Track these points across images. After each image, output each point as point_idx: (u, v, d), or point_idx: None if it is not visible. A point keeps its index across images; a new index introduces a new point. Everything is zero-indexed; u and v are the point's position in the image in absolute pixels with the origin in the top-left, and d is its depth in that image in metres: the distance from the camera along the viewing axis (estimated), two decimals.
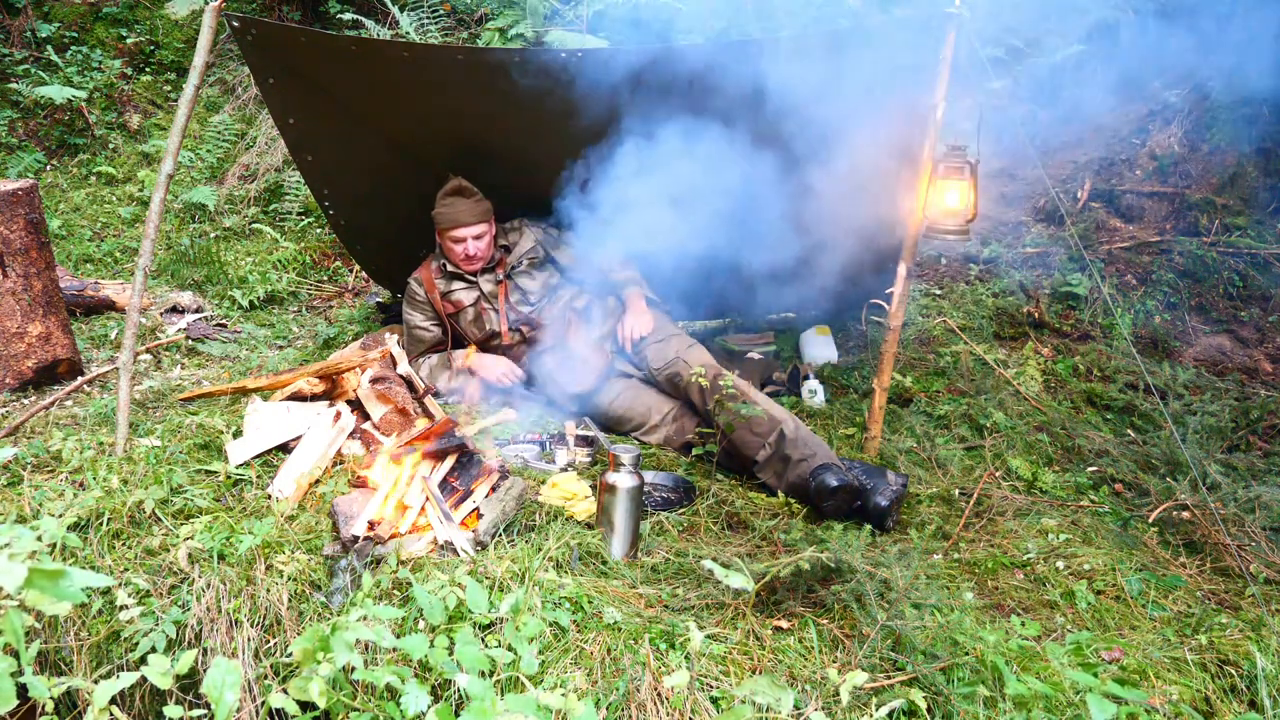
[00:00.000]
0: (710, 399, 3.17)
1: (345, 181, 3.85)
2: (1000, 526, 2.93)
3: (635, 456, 2.55)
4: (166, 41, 6.72)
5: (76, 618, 2.36)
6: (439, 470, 2.68)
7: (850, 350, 4.26)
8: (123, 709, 2.31)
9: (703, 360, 3.34)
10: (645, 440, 3.43)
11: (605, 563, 2.50)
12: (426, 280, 3.71)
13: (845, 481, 2.82)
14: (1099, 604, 2.49)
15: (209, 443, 3.00)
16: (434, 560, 2.40)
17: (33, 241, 3.40)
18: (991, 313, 4.49)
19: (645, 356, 3.51)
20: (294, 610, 2.34)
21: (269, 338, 4.47)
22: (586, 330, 3.63)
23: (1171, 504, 3.00)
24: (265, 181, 5.87)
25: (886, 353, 3.21)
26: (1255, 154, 4.90)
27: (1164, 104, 5.41)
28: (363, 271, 5.12)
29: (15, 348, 3.42)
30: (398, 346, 3.46)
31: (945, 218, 3.01)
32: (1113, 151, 5.37)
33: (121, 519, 2.54)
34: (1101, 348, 4.24)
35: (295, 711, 1.40)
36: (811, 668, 2.09)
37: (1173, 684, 2.12)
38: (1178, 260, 4.64)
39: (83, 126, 6.12)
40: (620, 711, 1.97)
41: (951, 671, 2.01)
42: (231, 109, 6.44)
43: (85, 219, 5.59)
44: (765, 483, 3.09)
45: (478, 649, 1.48)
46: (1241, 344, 4.41)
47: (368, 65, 3.33)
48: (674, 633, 2.14)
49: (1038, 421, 3.65)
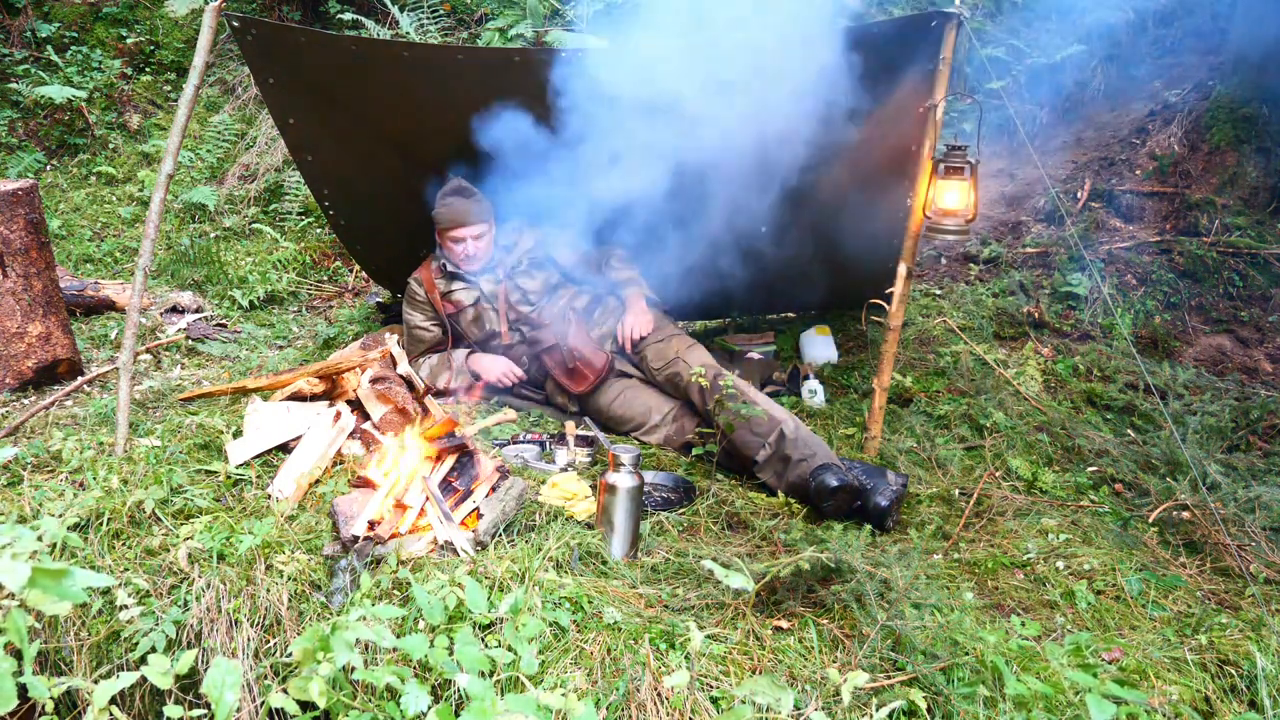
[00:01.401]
0: (710, 399, 3.17)
1: (345, 181, 3.85)
2: (1000, 526, 2.93)
3: (635, 456, 2.55)
4: (166, 41, 6.72)
5: (76, 618, 2.36)
6: (439, 470, 2.68)
7: (850, 350, 4.26)
8: (123, 709, 2.31)
9: (703, 360, 3.34)
10: (645, 440, 3.43)
11: (605, 563, 2.50)
12: (426, 280, 3.71)
13: (845, 481, 2.82)
14: (1099, 604, 2.49)
15: (209, 443, 3.00)
16: (434, 560, 2.40)
17: (33, 241, 3.40)
18: (991, 313, 4.49)
19: (645, 356, 3.51)
20: (294, 610, 2.34)
21: (269, 338, 4.47)
22: (586, 330, 3.63)
23: (1171, 504, 3.00)
24: (265, 181, 5.87)
25: (886, 353, 3.21)
26: (1255, 154, 4.90)
27: (1164, 104, 5.41)
28: (363, 271, 5.13)
29: (15, 348, 3.42)
30: (398, 346, 3.46)
31: (945, 218, 3.01)
32: (1113, 151, 5.37)
33: (121, 519, 2.54)
34: (1101, 348, 4.24)
35: (295, 711, 1.40)
36: (811, 668, 2.09)
37: (1173, 684, 2.12)
38: (1178, 260, 4.64)
39: (83, 126, 6.12)
40: (620, 711, 1.97)
41: (951, 671, 2.01)
42: (231, 109, 6.44)
43: (85, 219, 5.60)
44: (765, 483, 3.09)
45: (478, 649, 1.48)
46: (1241, 344, 4.41)
47: (367, 65, 3.33)
48: (674, 633, 2.14)
49: (1038, 421, 3.65)
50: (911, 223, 3.08)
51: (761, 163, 3.47)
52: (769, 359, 4.18)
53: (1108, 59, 5.90)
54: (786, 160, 3.51)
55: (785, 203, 3.69)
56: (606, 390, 3.52)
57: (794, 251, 3.90)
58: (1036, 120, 5.84)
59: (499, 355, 3.67)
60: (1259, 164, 4.90)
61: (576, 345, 3.55)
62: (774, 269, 3.96)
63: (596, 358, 3.53)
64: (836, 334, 4.29)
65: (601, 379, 3.51)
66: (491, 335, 3.67)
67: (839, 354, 4.19)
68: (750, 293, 4.18)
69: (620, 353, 3.59)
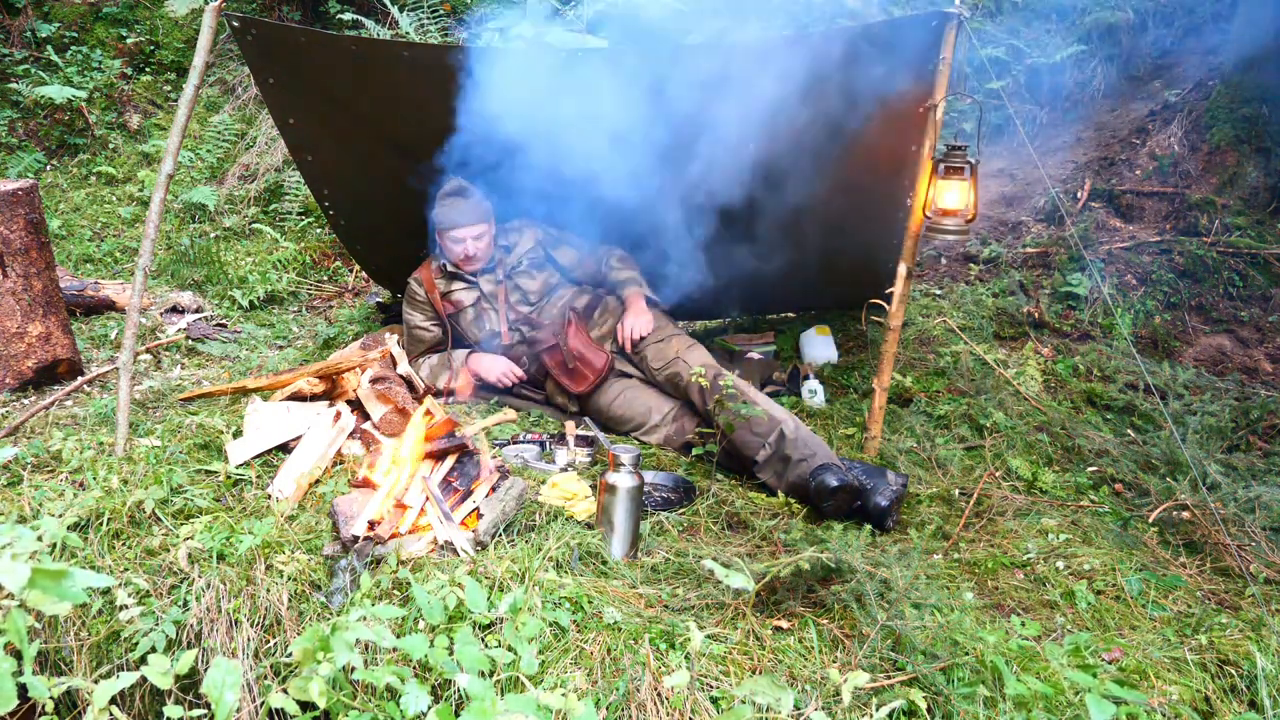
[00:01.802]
0: (710, 399, 3.17)
1: (345, 182, 3.85)
2: (1000, 526, 2.93)
3: (635, 456, 2.55)
4: (166, 41, 6.72)
5: (76, 618, 2.36)
6: (439, 470, 2.68)
7: (850, 350, 4.26)
8: (123, 709, 2.31)
9: (703, 360, 3.34)
10: (645, 440, 3.43)
11: (605, 563, 2.50)
12: (426, 280, 3.71)
13: (845, 481, 2.82)
14: (1099, 604, 2.49)
15: (209, 443, 3.00)
16: (434, 560, 2.40)
17: (33, 241, 3.40)
18: (991, 313, 4.49)
19: (645, 356, 3.51)
20: (294, 610, 2.34)
21: (269, 338, 4.47)
22: (586, 330, 3.63)
23: (1171, 504, 3.00)
24: (265, 181, 5.87)
25: (886, 353, 3.21)
26: (1255, 154, 4.90)
27: (1164, 104, 5.41)
28: (363, 271, 5.13)
29: (15, 348, 3.42)
30: (398, 346, 3.46)
31: (945, 218, 3.01)
32: (1113, 151, 5.37)
33: (121, 519, 2.54)
34: (1101, 348, 4.24)
35: (295, 711, 1.40)
36: (811, 668, 2.09)
37: (1173, 684, 2.12)
38: (1178, 260, 4.64)
39: (83, 126, 6.12)
40: (620, 711, 1.97)
41: (951, 671, 2.01)
42: (231, 109, 6.44)
43: (85, 219, 5.60)
44: (765, 483, 3.09)
45: (478, 649, 1.48)
46: (1241, 344, 4.41)
47: (367, 65, 3.33)
48: (674, 633, 2.14)
49: (1038, 421, 3.65)
50: (911, 223, 3.08)
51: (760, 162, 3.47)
52: (769, 359, 4.17)
53: (1108, 59, 5.90)
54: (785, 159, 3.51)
55: (785, 203, 3.68)
56: (606, 390, 3.52)
57: (794, 251, 3.90)
58: (1036, 120, 5.84)
59: (499, 355, 3.67)
60: (1259, 164, 4.90)
61: (576, 345, 3.55)
62: (774, 269, 3.96)
63: (597, 358, 3.53)
64: (836, 334, 4.29)
65: (601, 379, 3.51)
66: (492, 335, 3.67)
67: (839, 354, 4.19)
68: (750, 292, 4.18)
69: (620, 353, 3.59)
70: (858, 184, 3.50)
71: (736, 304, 4.54)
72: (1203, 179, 5.01)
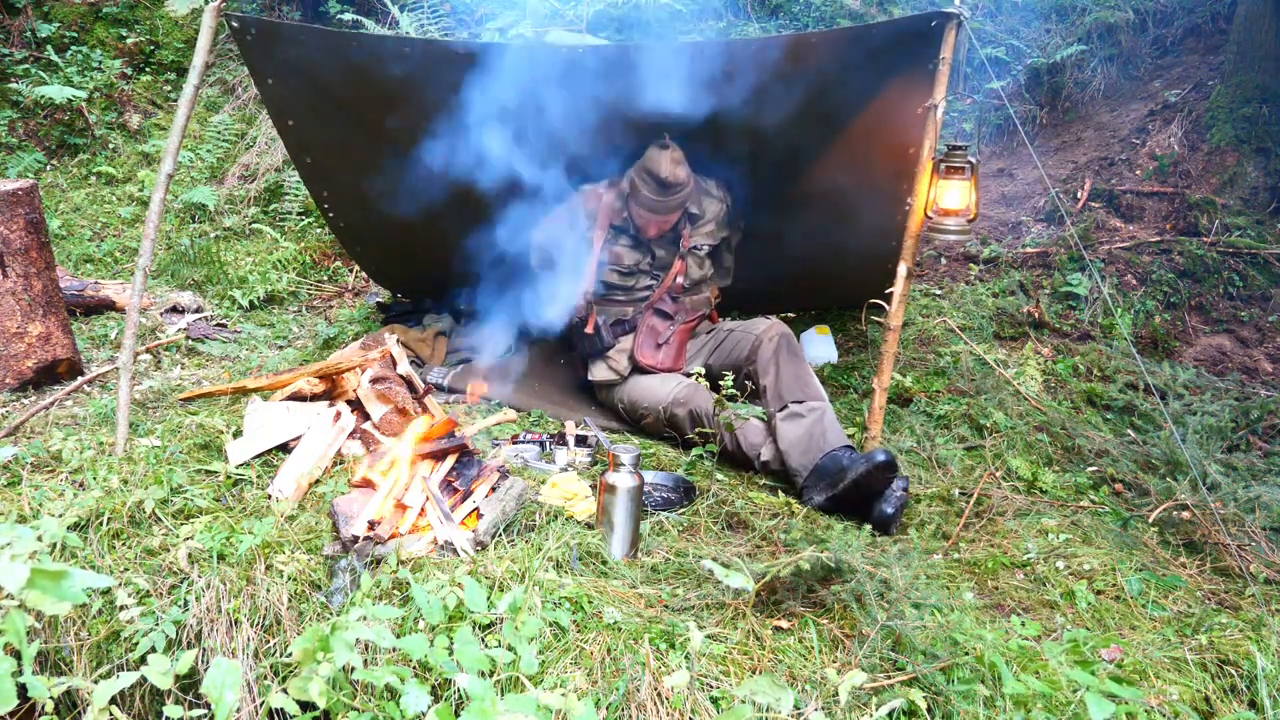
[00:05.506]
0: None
1: (345, 183, 3.84)
2: (1000, 526, 2.93)
3: (635, 456, 2.55)
4: (166, 41, 6.72)
5: (76, 618, 2.36)
6: (439, 470, 2.68)
7: (850, 350, 4.26)
8: (123, 709, 2.31)
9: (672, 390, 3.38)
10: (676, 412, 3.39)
11: (605, 563, 2.50)
12: (603, 204, 3.53)
13: (889, 459, 2.86)
14: (1099, 604, 2.49)
15: (209, 443, 3.00)
16: (434, 560, 2.40)
17: (33, 241, 3.40)
18: (991, 313, 4.49)
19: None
20: (294, 610, 2.34)
21: (269, 338, 4.47)
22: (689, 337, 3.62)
23: (1171, 504, 3.00)
24: (265, 181, 5.87)
25: (886, 353, 3.21)
26: (1255, 154, 4.91)
27: (1164, 104, 5.41)
28: (363, 272, 5.12)
29: (15, 348, 3.42)
30: (397, 346, 3.46)
31: (946, 217, 3.01)
32: (1113, 151, 5.37)
33: (121, 519, 2.54)
34: (1101, 348, 4.24)
35: (295, 711, 1.41)
36: (811, 668, 2.09)
37: (1172, 684, 2.12)
38: (1178, 260, 4.65)
39: (83, 126, 6.12)
40: (620, 711, 1.97)
41: (951, 671, 2.01)
42: (231, 109, 6.44)
43: (85, 219, 5.59)
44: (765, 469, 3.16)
45: (478, 649, 1.48)
46: (1241, 344, 4.41)
47: (367, 65, 3.33)
48: (674, 633, 2.14)
49: (1038, 421, 3.65)
50: (912, 223, 3.08)
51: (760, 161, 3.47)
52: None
53: (1108, 59, 5.90)
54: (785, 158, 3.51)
55: (786, 203, 3.68)
56: (638, 382, 3.51)
57: (794, 251, 3.90)
58: (1036, 120, 5.84)
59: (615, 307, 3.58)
60: (1259, 164, 4.90)
61: (681, 338, 3.57)
62: (774, 269, 3.96)
63: (678, 361, 3.54)
64: (836, 334, 4.29)
65: (656, 372, 3.51)
66: (631, 300, 3.56)
67: (839, 354, 4.19)
68: (750, 292, 4.17)
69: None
70: (857, 184, 3.50)
71: (736, 304, 4.54)
72: (1203, 179, 5.01)
